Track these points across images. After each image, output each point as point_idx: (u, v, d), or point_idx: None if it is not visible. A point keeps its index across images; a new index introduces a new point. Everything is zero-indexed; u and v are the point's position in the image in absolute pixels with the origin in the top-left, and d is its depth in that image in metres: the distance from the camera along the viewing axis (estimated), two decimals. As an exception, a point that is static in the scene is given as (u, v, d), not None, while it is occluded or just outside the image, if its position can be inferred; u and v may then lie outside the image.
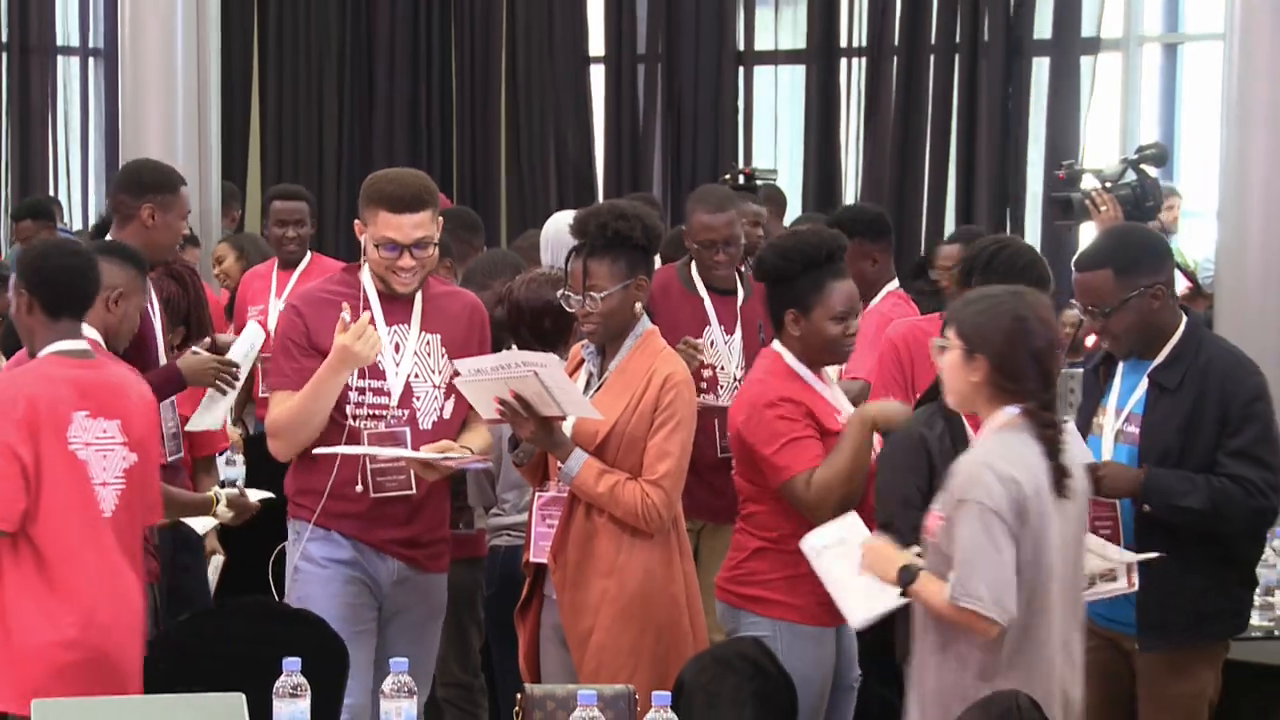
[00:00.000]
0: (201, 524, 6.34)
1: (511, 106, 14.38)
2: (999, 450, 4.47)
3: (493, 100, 14.43)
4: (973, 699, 4.33)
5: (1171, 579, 5.12)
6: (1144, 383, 5.26)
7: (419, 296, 5.50)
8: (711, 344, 6.92)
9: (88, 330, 5.72)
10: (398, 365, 5.42)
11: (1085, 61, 12.49)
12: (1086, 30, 12.49)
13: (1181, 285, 8.45)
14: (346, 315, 5.21)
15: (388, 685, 4.34)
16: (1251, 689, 5.51)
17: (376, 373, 5.40)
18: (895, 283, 7.53)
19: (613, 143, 14.11)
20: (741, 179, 10.76)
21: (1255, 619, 5.75)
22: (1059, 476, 4.48)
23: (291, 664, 4.26)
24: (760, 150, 13.59)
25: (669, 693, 4.18)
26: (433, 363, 5.46)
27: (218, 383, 6.30)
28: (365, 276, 5.50)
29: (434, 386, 5.44)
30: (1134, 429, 5.24)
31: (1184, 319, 5.29)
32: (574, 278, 5.33)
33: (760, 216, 7.79)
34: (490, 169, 14.45)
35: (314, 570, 5.42)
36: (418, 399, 5.42)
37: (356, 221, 5.51)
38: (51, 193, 13.92)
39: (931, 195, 12.88)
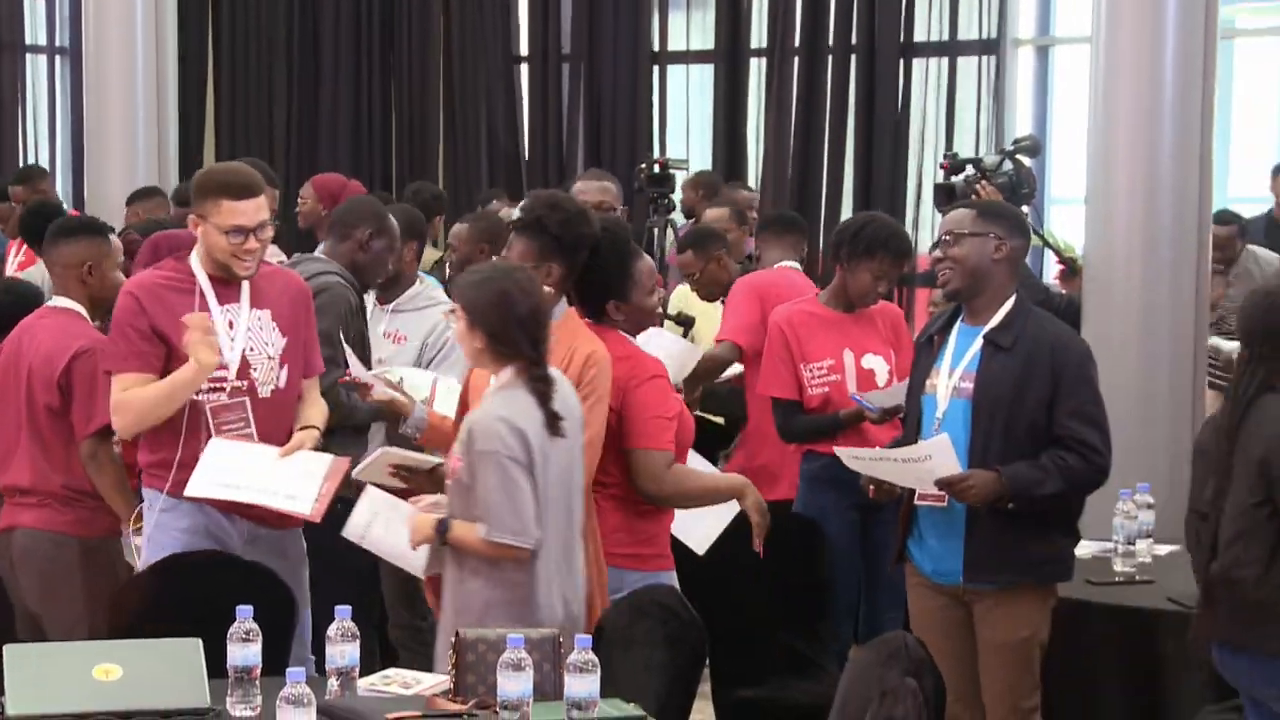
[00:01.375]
0: None
1: (447, 101, 14.36)
2: (507, 405, 4.71)
3: (430, 95, 14.40)
4: (497, 601, 4.63)
5: (997, 530, 5.17)
6: (978, 342, 5.25)
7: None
8: None
9: (69, 304, 5.74)
10: (233, 340, 5.28)
11: (967, 62, 12.57)
12: (968, 34, 12.56)
13: (1056, 268, 8.54)
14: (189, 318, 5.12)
15: (332, 631, 4.33)
16: (1114, 631, 5.50)
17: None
18: (790, 262, 7.55)
19: (538, 134, 14.11)
20: (656, 169, 10.82)
21: (1118, 565, 5.81)
22: (552, 420, 4.71)
23: (244, 611, 4.25)
24: (673, 143, 13.61)
25: (590, 636, 4.21)
26: (265, 336, 5.33)
27: None
28: (195, 264, 5.34)
29: (268, 358, 5.31)
30: (968, 385, 5.23)
31: (1015, 291, 5.33)
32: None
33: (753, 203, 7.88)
34: (427, 158, 14.43)
35: (165, 538, 5.30)
36: (255, 370, 5.30)
37: (191, 216, 5.36)
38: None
39: (830, 186, 12.91)
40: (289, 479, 5.22)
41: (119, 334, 5.28)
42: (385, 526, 4.99)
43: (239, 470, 5.19)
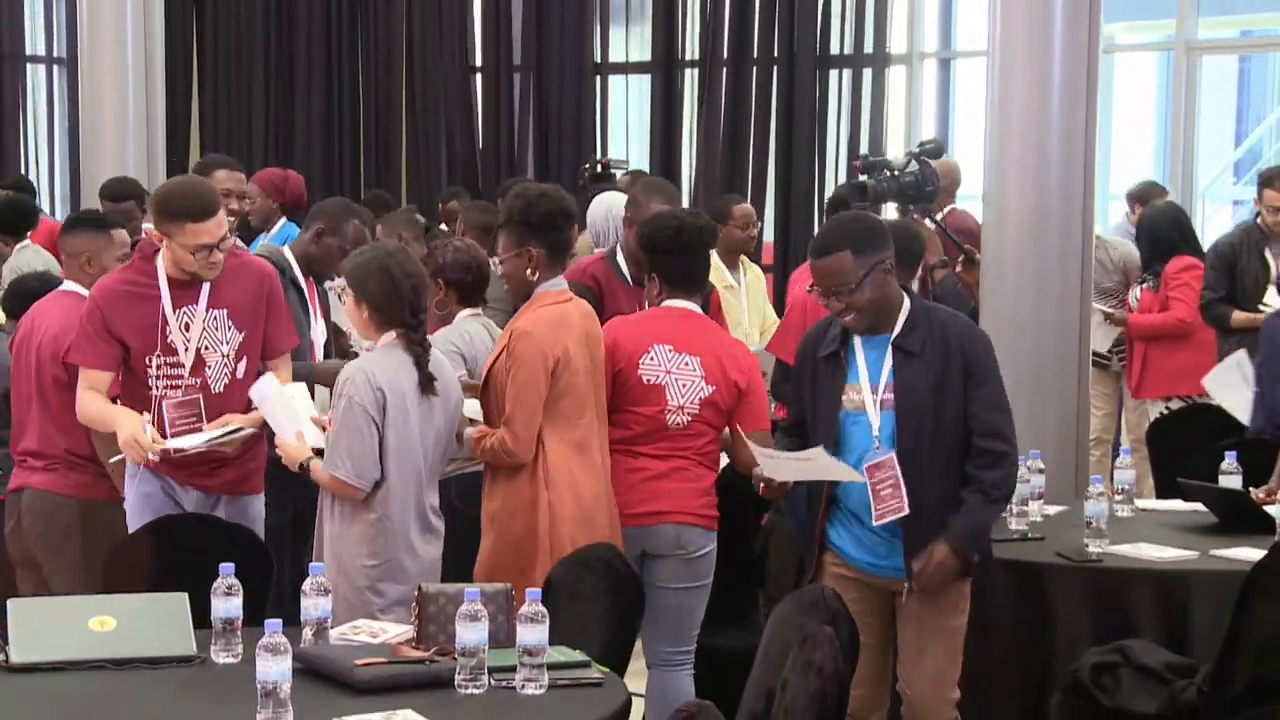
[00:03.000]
0: None
1: (410, 107, 14.32)
2: (378, 362, 4.82)
3: (394, 103, 14.35)
4: (356, 536, 4.75)
5: (931, 527, 4.86)
6: (888, 352, 4.92)
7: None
8: None
9: (76, 288, 5.81)
10: (187, 341, 5.27)
11: (878, 73, 12.59)
12: (878, 47, 12.59)
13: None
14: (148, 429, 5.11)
15: (307, 585, 4.32)
16: (1010, 582, 5.50)
17: (170, 349, 5.27)
18: None
19: (491, 138, 14.08)
20: (599, 169, 10.82)
21: (1013, 524, 5.81)
22: (425, 381, 4.81)
23: (226, 569, 4.24)
24: (614, 147, 13.56)
25: (539, 590, 4.21)
26: (220, 335, 5.30)
27: None
28: (160, 266, 5.30)
29: (222, 356, 5.29)
30: (890, 395, 4.91)
31: (905, 291, 5.05)
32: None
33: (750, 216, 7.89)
34: (392, 159, 14.37)
35: (134, 501, 5.34)
36: (209, 367, 5.28)
37: (150, 229, 5.34)
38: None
39: (754, 185, 12.91)
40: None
41: (82, 331, 5.31)
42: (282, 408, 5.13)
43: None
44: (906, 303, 4.98)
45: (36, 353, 5.68)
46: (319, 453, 4.94)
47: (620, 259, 6.41)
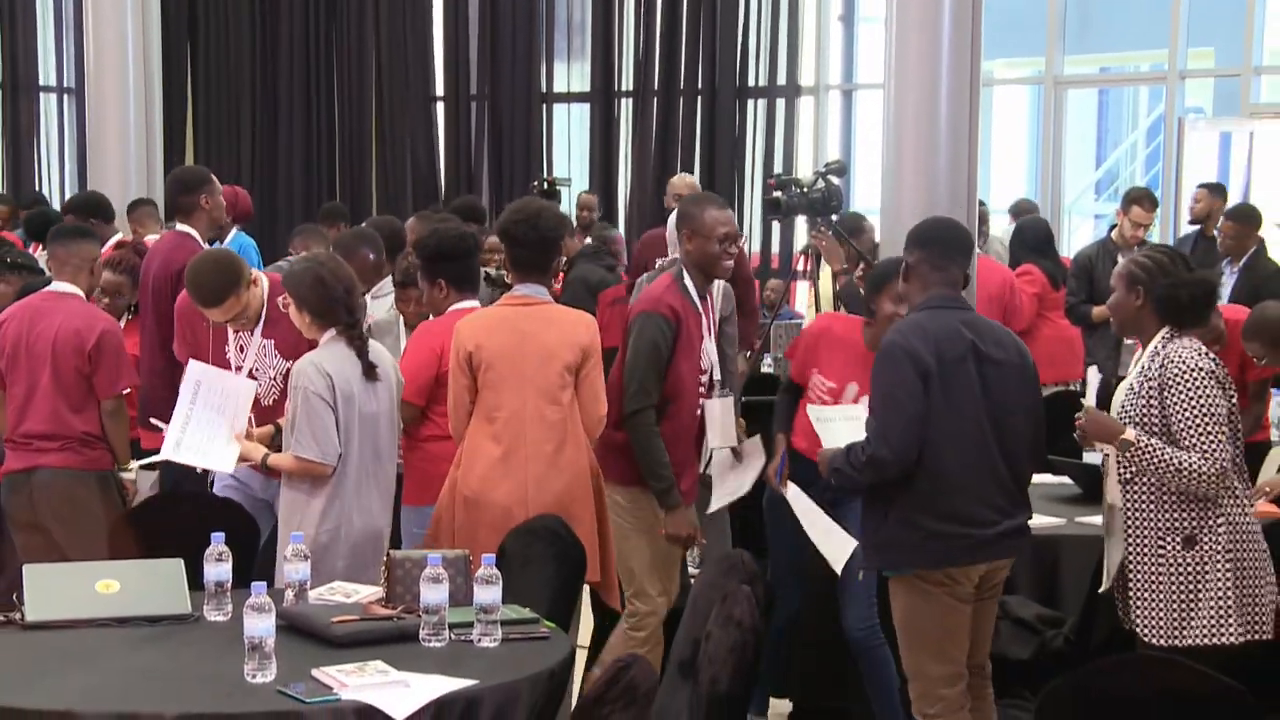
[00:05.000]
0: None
1: (379, 132, 14.27)
2: (323, 355, 4.73)
3: (365, 128, 14.31)
4: (316, 510, 4.66)
5: (863, 520, 4.56)
6: None
7: (263, 314, 5.31)
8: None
9: (73, 289, 5.73)
10: (243, 360, 5.28)
11: (788, 103, 12.63)
12: (790, 80, 12.62)
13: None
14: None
15: (289, 552, 4.29)
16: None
17: (225, 364, 5.29)
18: None
19: (451, 158, 14.05)
20: (546, 186, 10.79)
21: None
22: (368, 368, 4.74)
23: (217, 537, 4.22)
24: (559, 167, 13.57)
25: (494, 555, 4.19)
26: (268, 360, 5.30)
27: None
28: None
29: (270, 377, 5.29)
30: None
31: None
32: None
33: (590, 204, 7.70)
34: (364, 179, 14.33)
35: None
36: (260, 385, 5.25)
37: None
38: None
39: (682, 202, 12.93)
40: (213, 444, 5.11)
41: (177, 336, 5.51)
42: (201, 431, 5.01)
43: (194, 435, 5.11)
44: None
45: (53, 346, 5.59)
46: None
47: (686, 280, 5.28)
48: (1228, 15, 11.90)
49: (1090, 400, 6.85)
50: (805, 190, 7.23)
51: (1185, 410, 4.22)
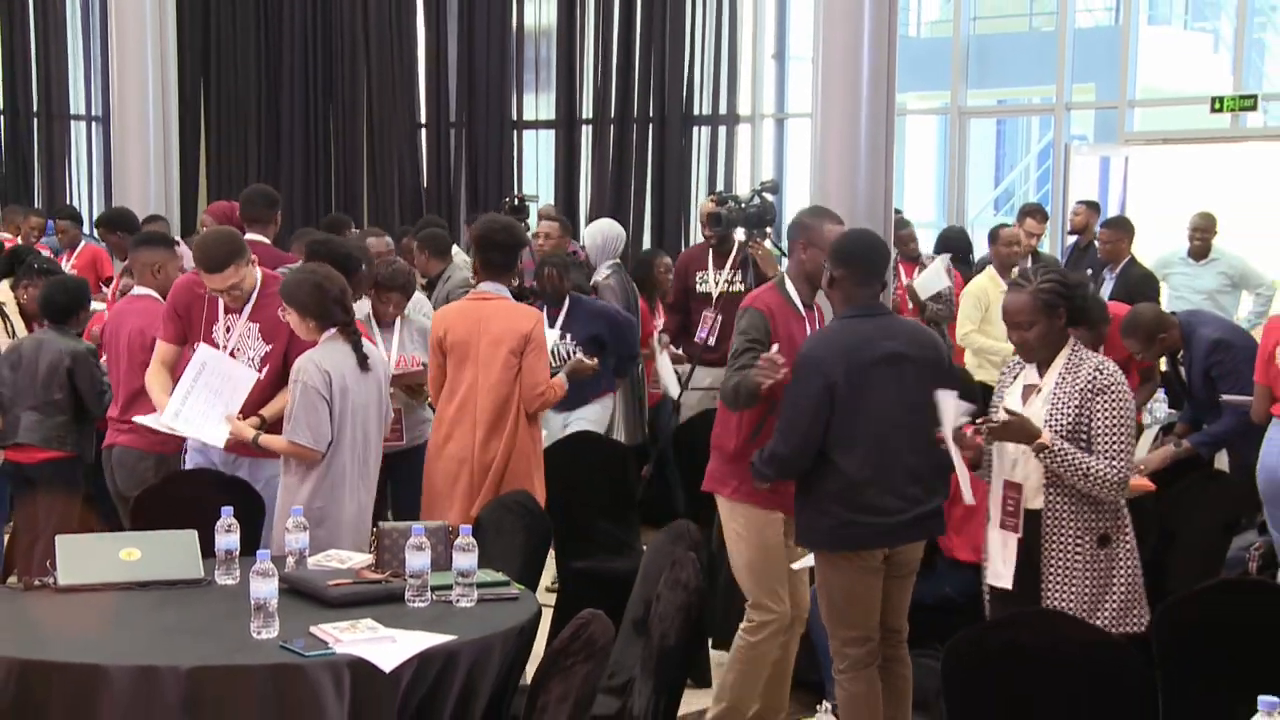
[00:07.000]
0: None
1: (370, 154, 14.19)
2: (323, 353, 4.66)
3: (357, 151, 14.23)
4: (309, 492, 4.60)
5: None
6: None
7: (254, 295, 5.18)
8: None
9: (148, 291, 5.79)
10: (227, 340, 5.19)
11: (729, 130, 12.63)
12: (730, 109, 12.62)
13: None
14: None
15: (290, 524, 4.27)
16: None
17: (213, 343, 5.18)
18: None
19: (433, 180, 13.98)
20: (516, 203, 10.72)
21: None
22: (362, 360, 4.68)
23: (227, 511, 4.19)
24: (528, 187, 13.49)
25: (470, 525, 4.18)
26: (250, 343, 5.20)
27: None
28: None
29: (249, 359, 5.17)
30: None
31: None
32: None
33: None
34: (356, 197, 14.24)
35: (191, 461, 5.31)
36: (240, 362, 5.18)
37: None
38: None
39: (634, 219, 12.82)
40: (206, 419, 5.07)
41: (164, 313, 5.34)
42: (201, 404, 4.98)
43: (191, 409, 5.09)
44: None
45: (127, 343, 5.65)
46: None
47: (789, 286, 4.82)
48: (1106, 56, 12.04)
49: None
50: (743, 205, 7.23)
51: (1109, 419, 4.04)
